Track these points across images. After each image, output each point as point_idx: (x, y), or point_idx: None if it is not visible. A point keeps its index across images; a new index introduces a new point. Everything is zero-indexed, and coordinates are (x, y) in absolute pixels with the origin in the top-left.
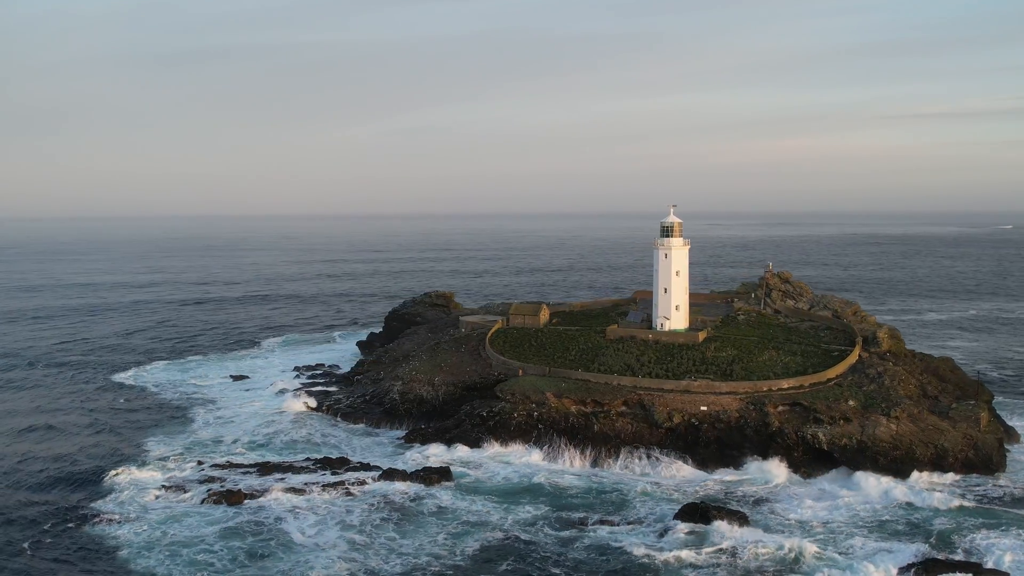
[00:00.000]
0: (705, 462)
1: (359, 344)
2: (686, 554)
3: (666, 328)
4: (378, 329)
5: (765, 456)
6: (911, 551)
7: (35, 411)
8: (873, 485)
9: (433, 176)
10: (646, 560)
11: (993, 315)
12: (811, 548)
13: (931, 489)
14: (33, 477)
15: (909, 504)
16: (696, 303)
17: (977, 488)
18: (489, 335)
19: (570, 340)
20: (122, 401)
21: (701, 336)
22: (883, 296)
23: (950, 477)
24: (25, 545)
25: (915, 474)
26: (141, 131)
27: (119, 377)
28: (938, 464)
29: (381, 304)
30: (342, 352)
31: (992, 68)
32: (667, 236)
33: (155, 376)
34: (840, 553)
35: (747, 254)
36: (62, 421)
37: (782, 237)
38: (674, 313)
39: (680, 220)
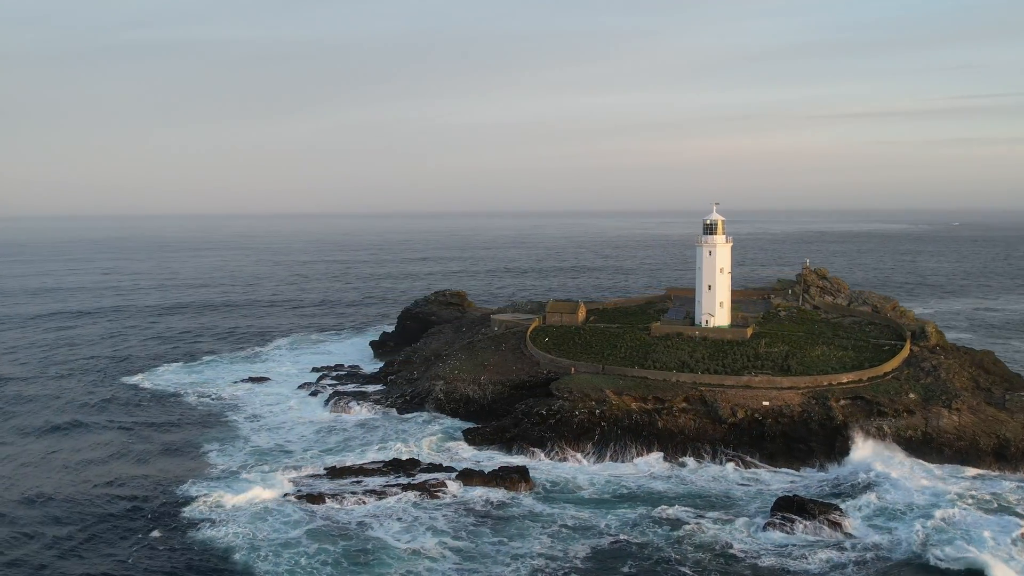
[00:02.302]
0: (774, 456)
1: (372, 344)
2: (797, 548)
3: (710, 325)
4: (386, 328)
5: (833, 448)
6: (1009, 523)
7: (67, 423)
8: (948, 471)
9: (379, 174)
10: (764, 555)
11: (981, 312)
12: (916, 527)
13: (999, 477)
14: (103, 490)
15: (985, 487)
16: (733, 299)
17: None
18: (529, 333)
19: (615, 338)
20: (151, 408)
21: (748, 332)
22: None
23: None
24: (130, 559)
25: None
26: (60, 131)
27: (132, 381)
28: (1001, 454)
29: (369, 303)
30: (351, 352)
31: (920, 69)
32: (710, 233)
33: (169, 380)
34: (947, 528)
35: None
36: (101, 431)
37: (734, 235)
38: (718, 310)
39: (723, 217)
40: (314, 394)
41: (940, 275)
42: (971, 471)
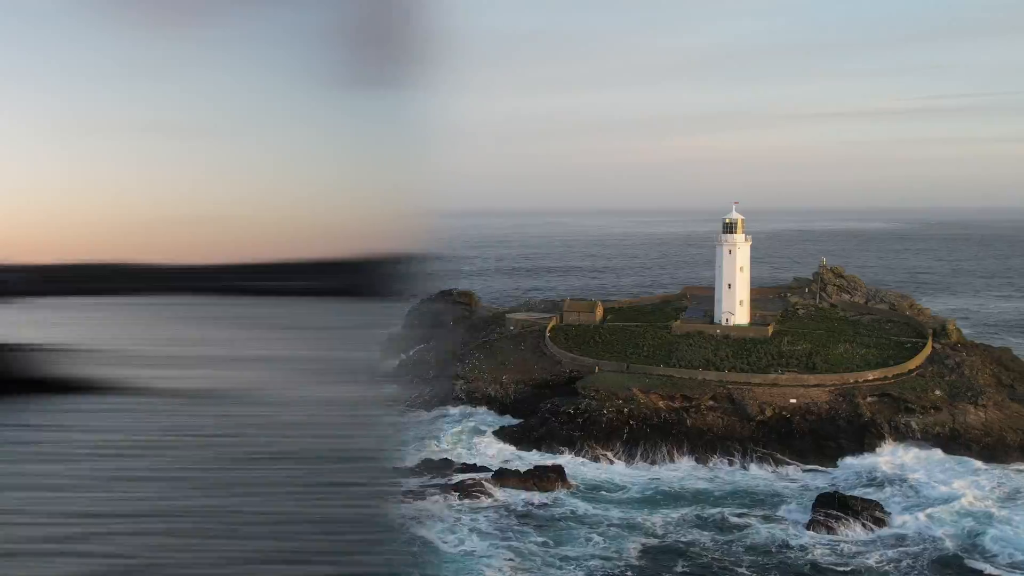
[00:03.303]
0: (804, 453)
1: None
2: (845, 544)
3: (730, 323)
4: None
5: (862, 444)
6: None
7: None
8: (978, 467)
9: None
10: (812, 552)
11: (973, 311)
12: (958, 521)
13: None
14: None
15: (1017, 481)
16: (750, 297)
17: None
18: (548, 333)
19: (636, 336)
20: None
21: (770, 330)
22: None
23: None
24: None
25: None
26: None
27: None
28: None
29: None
30: None
31: (891, 70)
32: (730, 232)
33: None
34: (987, 521)
35: (693, 251)
36: None
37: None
38: (738, 308)
39: (743, 216)
40: None
41: (925, 272)
42: (1000, 466)
